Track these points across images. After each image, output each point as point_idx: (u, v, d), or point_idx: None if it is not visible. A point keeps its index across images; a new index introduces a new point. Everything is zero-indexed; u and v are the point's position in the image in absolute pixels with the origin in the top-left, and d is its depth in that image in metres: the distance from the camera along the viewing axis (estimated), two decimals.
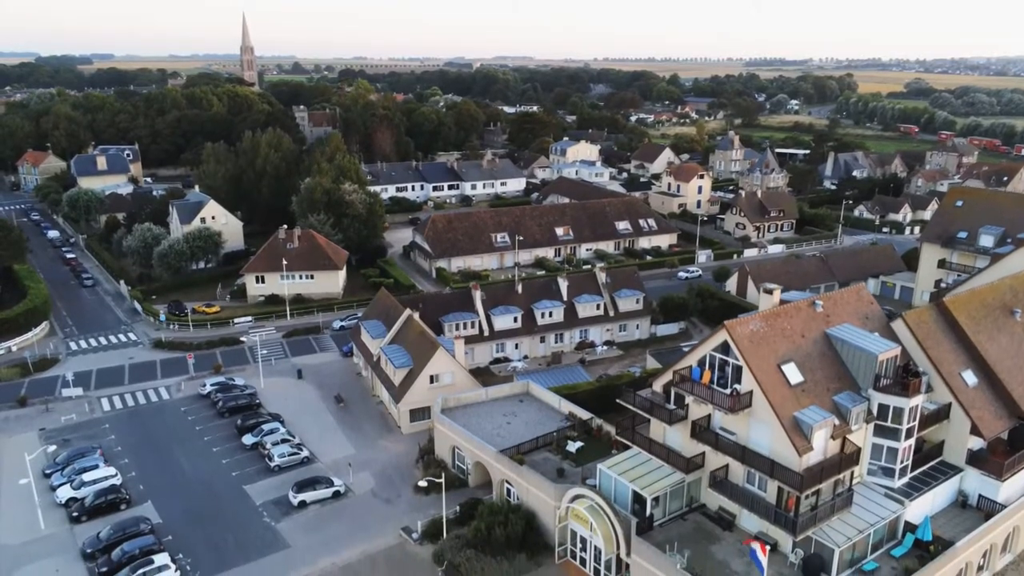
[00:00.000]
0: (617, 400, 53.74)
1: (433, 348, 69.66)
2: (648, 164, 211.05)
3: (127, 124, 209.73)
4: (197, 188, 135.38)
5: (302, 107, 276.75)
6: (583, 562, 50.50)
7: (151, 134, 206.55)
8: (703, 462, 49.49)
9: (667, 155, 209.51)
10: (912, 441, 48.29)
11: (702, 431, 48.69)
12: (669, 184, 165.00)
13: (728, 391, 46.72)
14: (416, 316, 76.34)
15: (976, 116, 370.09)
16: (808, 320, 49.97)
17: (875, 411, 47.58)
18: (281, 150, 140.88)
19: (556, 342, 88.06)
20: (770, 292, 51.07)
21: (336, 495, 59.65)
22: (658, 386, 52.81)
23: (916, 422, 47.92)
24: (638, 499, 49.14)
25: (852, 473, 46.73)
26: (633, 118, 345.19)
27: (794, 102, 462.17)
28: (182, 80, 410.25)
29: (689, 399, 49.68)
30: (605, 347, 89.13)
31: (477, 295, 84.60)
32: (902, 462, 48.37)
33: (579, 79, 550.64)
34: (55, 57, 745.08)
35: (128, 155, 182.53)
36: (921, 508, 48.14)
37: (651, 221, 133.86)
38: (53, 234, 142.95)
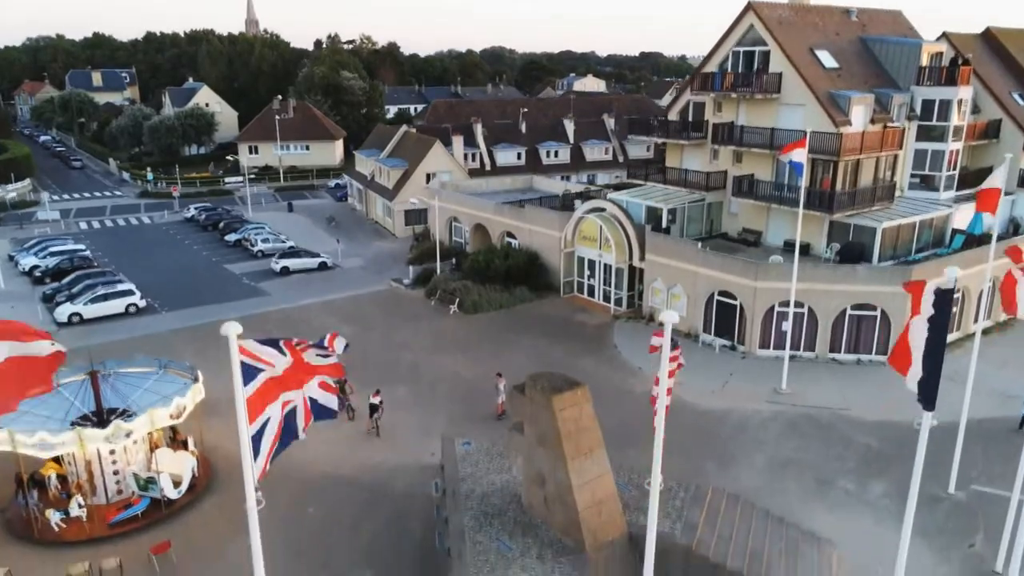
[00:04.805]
0: (628, 136, 48.92)
1: (430, 143, 64.95)
2: (657, 101, 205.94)
3: (126, 59, 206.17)
4: (191, 80, 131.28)
5: (306, 60, 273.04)
6: (591, 291, 45.49)
7: (150, 68, 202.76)
8: (724, 182, 44.63)
9: (674, 88, 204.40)
10: (960, 146, 43.20)
11: (724, 135, 43.76)
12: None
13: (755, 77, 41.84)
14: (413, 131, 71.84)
15: None
16: (842, 24, 45.08)
17: (918, 110, 42.63)
18: (279, 50, 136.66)
19: None
20: None
21: (322, 267, 54.89)
22: (673, 115, 48.21)
23: (964, 122, 42.87)
24: (652, 217, 44.32)
25: (895, 162, 41.72)
26: (642, 84, 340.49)
27: None
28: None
29: (709, 111, 44.95)
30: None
31: (478, 128, 79.90)
32: (949, 170, 43.29)
33: (586, 61, 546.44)
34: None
35: (126, 77, 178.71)
36: (970, 219, 42.94)
37: (661, 119, 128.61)
38: (45, 138, 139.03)
